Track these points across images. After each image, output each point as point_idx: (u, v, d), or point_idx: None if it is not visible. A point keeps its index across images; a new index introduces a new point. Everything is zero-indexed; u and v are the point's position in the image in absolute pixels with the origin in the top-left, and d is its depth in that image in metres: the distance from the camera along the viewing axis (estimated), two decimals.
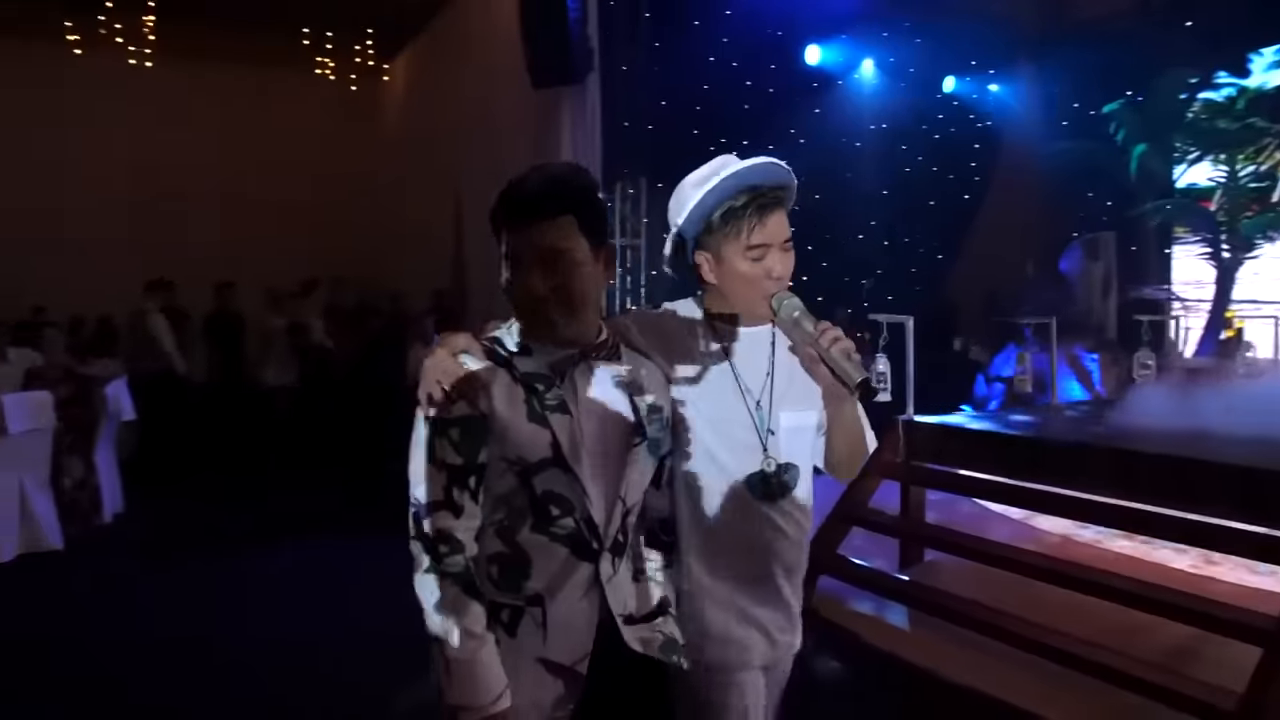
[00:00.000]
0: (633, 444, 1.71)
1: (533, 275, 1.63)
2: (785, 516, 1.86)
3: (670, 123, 10.09)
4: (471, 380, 1.59)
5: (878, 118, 11.69)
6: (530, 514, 1.62)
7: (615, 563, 1.67)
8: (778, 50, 10.89)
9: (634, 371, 1.76)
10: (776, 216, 1.87)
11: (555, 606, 1.61)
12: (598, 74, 9.43)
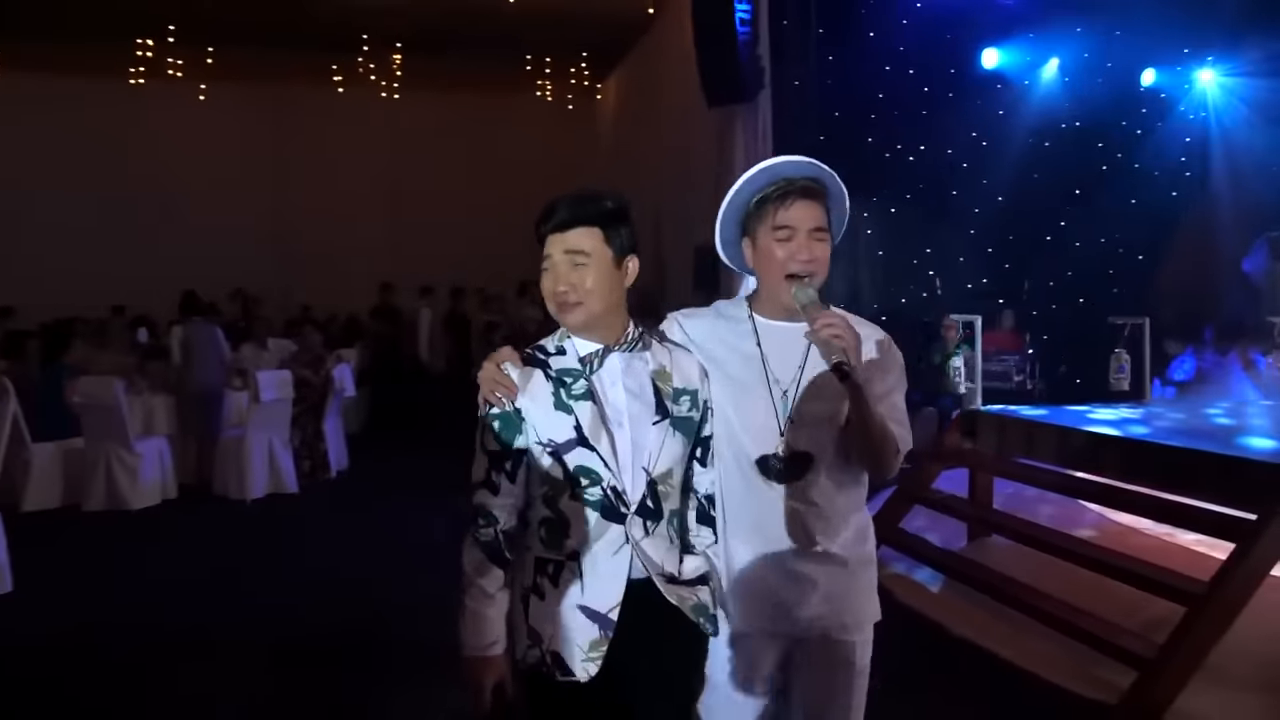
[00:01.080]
0: (654, 422, 1.88)
1: (557, 274, 1.85)
2: (802, 500, 1.94)
3: (845, 133, 10.60)
4: (507, 384, 1.85)
5: (1069, 116, 11.43)
6: (567, 485, 1.84)
7: (647, 525, 1.85)
8: (955, 55, 11.03)
9: (662, 359, 1.93)
10: (804, 204, 1.94)
11: (590, 561, 1.83)
12: (769, 91, 10.10)
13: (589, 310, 1.85)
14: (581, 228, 1.84)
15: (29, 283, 12.86)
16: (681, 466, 1.92)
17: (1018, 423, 4.58)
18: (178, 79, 15.29)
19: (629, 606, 1.82)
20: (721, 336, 2.00)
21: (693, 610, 1.87)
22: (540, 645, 1.83)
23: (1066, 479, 4.39)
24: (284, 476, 6.82)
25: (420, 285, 12.90)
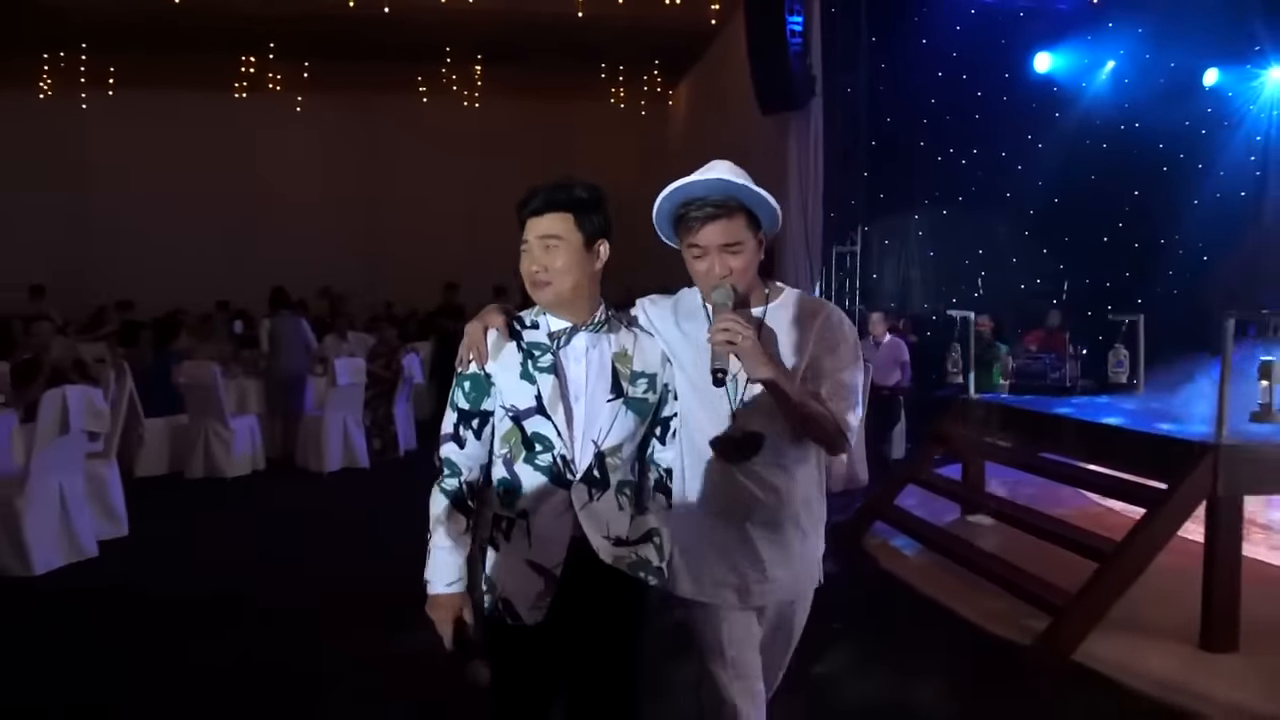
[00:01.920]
0: (608, 400, 2.00)
1: (532, 255, 1.99)
2: (754, 477, 2.05)
3: (896, 137, 11.03)
4: (483, 346, 2.02)
5: (1128, 118, 11.55)
6: (522, 449, 2.00)
7: (591, 493, 1.99)
8: (1009, 59, 11.33)
9: (624, 342, 2.05)
10: (713, 225, 2.01)
11: (538, 521, 1.99)
12: (820, 98, 10.59)
13: (557, 289, 1.99)
14: (554, 213, 1.99)
15: (140, 279, 14.20)
16: (633, 443, 2.06)
17: (998, 408, 5.05)
18: (276, 91, 16.60)
19: (572, 563, 1.98)
20: (679, 324, 2.12)
21: (630, 567, 2.02)
22: (494, 593, 2.02)
23: (1030, 456, 4.86)
24: (357, 453, 7.70)
25: (494, 285, 13.60)
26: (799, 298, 2.14)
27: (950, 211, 11.23)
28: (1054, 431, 4.47)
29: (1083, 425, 4.40)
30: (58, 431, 4.72)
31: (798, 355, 2.05)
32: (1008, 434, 5.02)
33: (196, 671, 3.66)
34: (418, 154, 17.16)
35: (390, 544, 5.64)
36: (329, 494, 7.10)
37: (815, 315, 2.08)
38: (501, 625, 1.99)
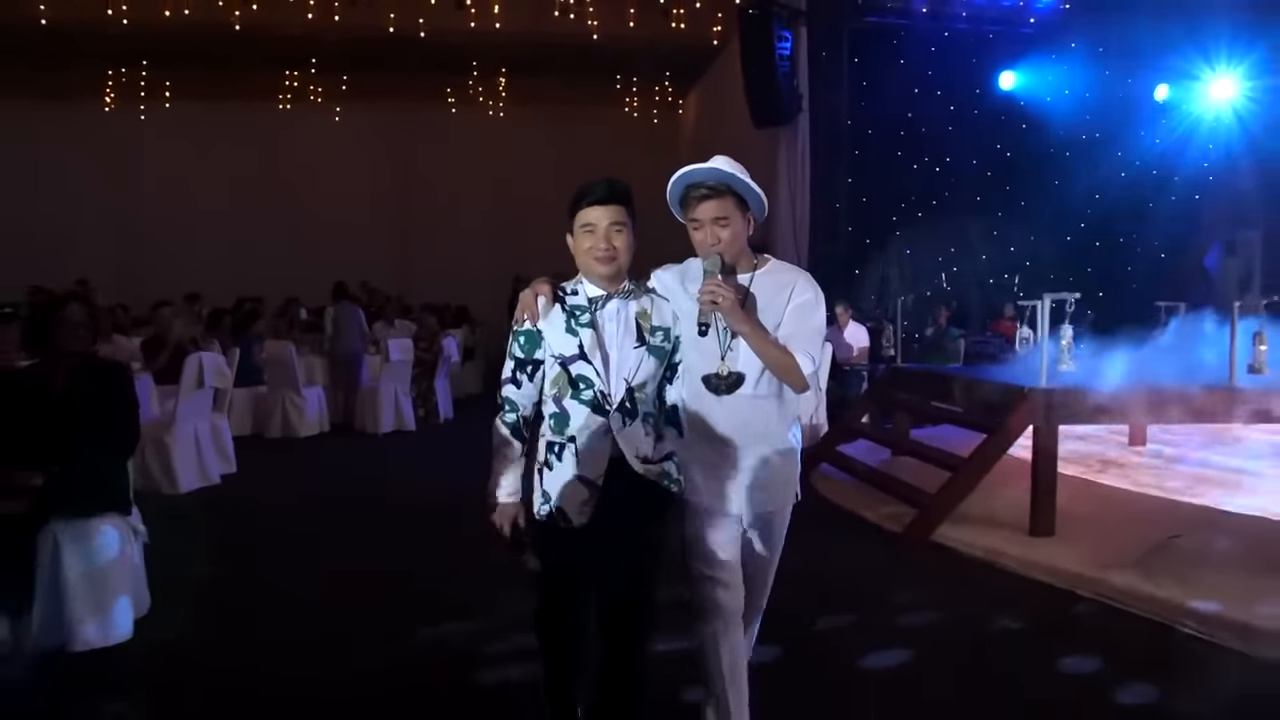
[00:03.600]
0: (634, 348, 2.52)
1: (599, 235, 2.48)
2: (737, 408, 2.57)
3: (876, 148, 12.53)
4: (535, 308, 2.52)
5: (1089, 129, 12.96)
6: (569, 387, 2.50)
7: (625, 420, 2.49)
8: (979, 77, 12.82)
9: (645, 304, 2.57)
10: (709, 202, 2.53)
11: (583, 443, 2.49)
12: (806, 114, 12.09)
13: (620, 263, 2.51)
14: (616, 204, 2.49)
15: (191, 276, 15.73)
16: (654, 382, 2.58)
17: (913, 373, 6.58)
18: (317, 103, 18.31)
19: (610, 475, 2.49)
20: (684, 285, 2.64)
21: (657, 477, 2.56)
22: (550, 503, 2.50)
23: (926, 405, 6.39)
24: (405, 418, 9.35)
25: (514, 276, 15.07)
26: (781, 267, 2.70)
27: (925, 214, 12.72)
28: (943, 386, 5.99)
29: (959, 379, 5.93)
30: (195, 386, 6.36)
31: (776, 312, 2.59)
32: (917, 391, 6.55)
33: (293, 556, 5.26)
34: (446, 160, 18.80)
35: (432, 486, 7.26)
36: (383, 450, 8.72)
37: (792, 282, 2.64)
38: (555, 529, 2.49)
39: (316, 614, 4.18)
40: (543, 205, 18.65)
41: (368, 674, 3.50)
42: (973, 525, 5.25)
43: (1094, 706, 3.22)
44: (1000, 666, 3.62)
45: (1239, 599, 3.92)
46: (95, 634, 3.63)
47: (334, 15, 13.78)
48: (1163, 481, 5.99)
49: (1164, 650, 3.71)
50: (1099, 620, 4.09)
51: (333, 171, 18.39)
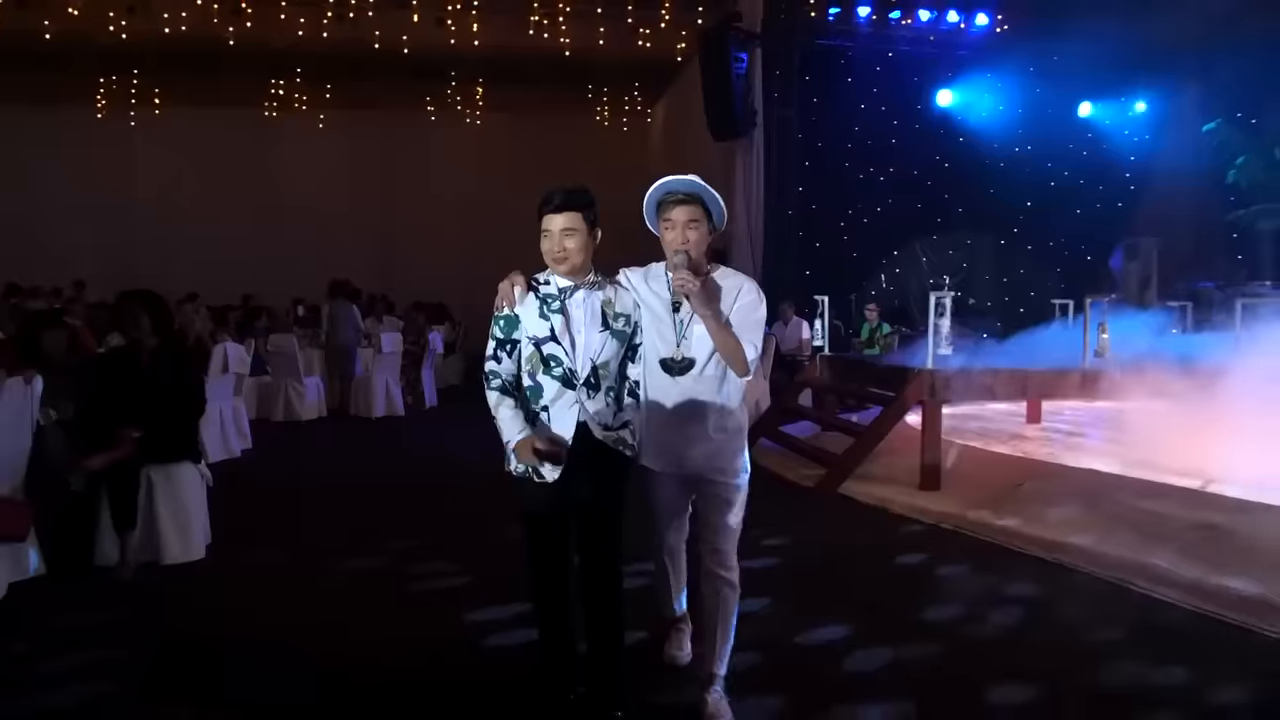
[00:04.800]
0: (599, 331, 2.95)
1: (554, 240, 2.92)
2: (691, 389, 3.06)
3: (825, 159, 13.78)
4: (512, 295, 2.97)
5: (1022, 141, 14.27)
6: (542, 364, 2.94)
7: (590, 394, 2.94)
8: (920, 94, 14.12)
9: (609, 294, 3.01)
10: (681, 207, 3.03)
11: (555, 412, 2.94)
12: (760, 129, 13.31)
13: (572, 263, 2.94)
14: (570, 211, 2.90)
15: (181, 275, 16.65)
16: (617, 361, 3.00)
17: (833, 360, 7.82)
18: (302, 111, 19.35)
19: (577, 439, 2.92)
20: (648, 284, 3.10)
21: (615, 443, 2.99)
22: (526, 462, 2.91)
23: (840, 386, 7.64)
24: (395, 404, 10.50)
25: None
26: (729, 273, 3.19)
27: (870, 220, 14.01)
28: (856, 369, 7.24)
29: (865, 364, 7.18)
30: (221, 372, 7.48)
31: (726, 309, 3.06)
32: (837, 374, 7.80)
33: (307, 510, 6.41)
34: (425, 165, 19.90)
35: (421, 463, 8.42)
36: (377, 432, 9.86)
37: (738, 286, 3.13)
38: (531, 483, 2.95)
39: (329, 557, 5.28)
40: (518, 209, 19.70)
41: (371, 603, 4.67)
42: (874, 482, 6.50)
43: (925, 587, 4.43)
44: (868, 569, 4.85)
45: (1057, 527, 5.18)
46: (179, 552, 4.80)
47: (322, 32, 14.87)
48: (1040, 449, 7.25)
49: (991, 560, 4.96)
50: (949, 542, 5.35)
51: (316, 176, 19.39)
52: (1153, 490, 5.39)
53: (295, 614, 4.15)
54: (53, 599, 4.28)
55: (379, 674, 3.45)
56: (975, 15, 13.85)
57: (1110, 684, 3.39)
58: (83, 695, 3.25)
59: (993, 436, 7.97)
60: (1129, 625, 3.98)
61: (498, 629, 3.90)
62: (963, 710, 3.23)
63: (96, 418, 4.70)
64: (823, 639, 3.86)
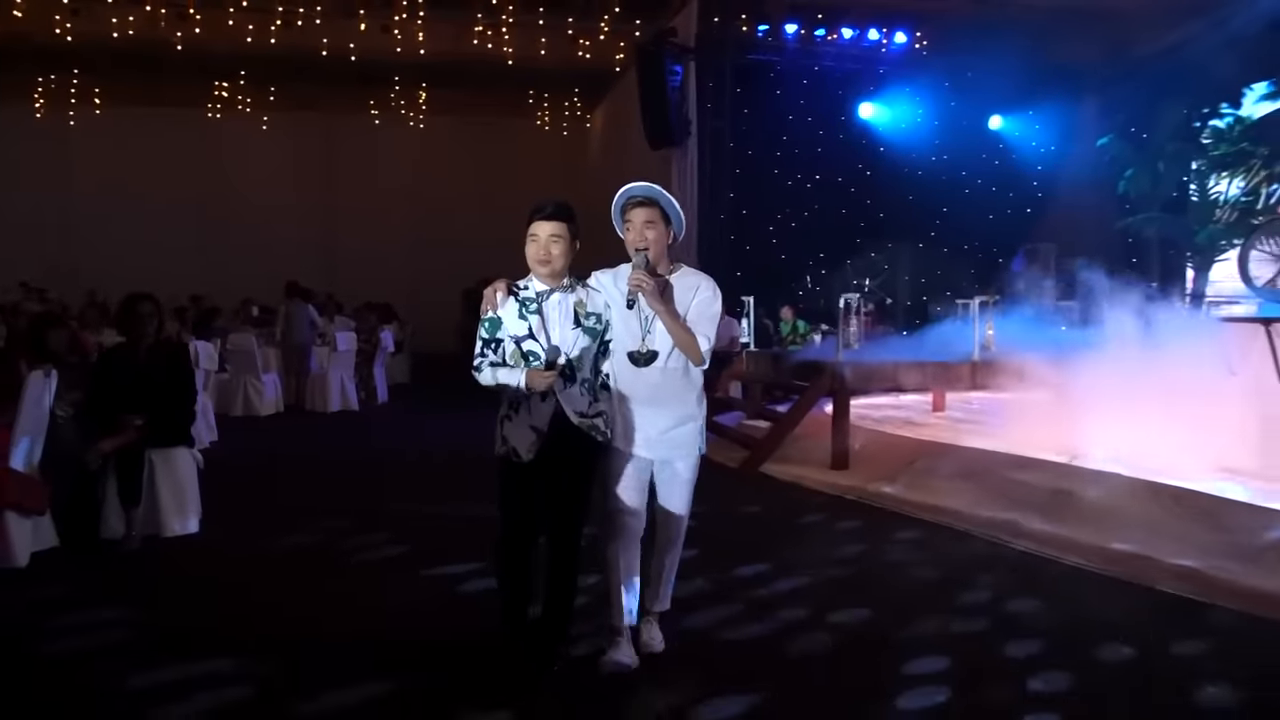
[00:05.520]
0: (572, 329, 3.32)
1: (540, 245, 3.29)
2: (652, 376, 3.39)
3: (756, 166, 14.70)
4: (495, 300, 3.33)
5: (938, 151, 15.38)
6: (522, 359, 3.30)
7: (566, 384, 3.28)
8: (844, 106, 15.15)
9: (581, 295, 3.38)
10: (639, 209, 3.37)
11: (534, 400, 3.28)
12: (694, 138, 14.17)
13: (554, 267, 3.32)
14: (559, 220, 3.31)
15: (124, 275, 16.88)
16: (590, 355, 3.37)
17: (755, 354, 8.71)
18: (246, 113, 19.71)
19: (553, 425, 3.30)
20: (616, 284, 3.44)
21: (589, 429, 3.34)
22: (508, 444, 3.33)
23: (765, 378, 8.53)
24: (350, 399, 11.14)
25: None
26: (690, 272, 3.52)
27: (798, 224, 14.99)
28: (772, 362, 8.13)
29: (782, 358, 8.07)
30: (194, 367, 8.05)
31: (685, 305, 3.39)
32: (760, 367, 8.70)
33: (282, 493, 7.08)
34: (368, 167, 20.42)
35: (376, 452, 9.09)
36: (333, 426, 10.50)
37: (697, 284, 3.46)
38: (510, 462, 3.32)
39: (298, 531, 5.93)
40: (460, 210, 20.51)
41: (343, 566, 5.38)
42: (791, 463, 7.39)
43: (824, 540, 5.29)
44: (779, 528, 5.70)
45: (940, 494, 6.12)
46: (178, 526, 5.46)
47: (270, 39, 15.34)
48: (938, 433, 8.20)
49: (882, 520, 5.87)
50: (850, 508, 6.28)
51: (260, 177, 19.78)
52: (1023, 464, 6.35)
53: (278, 577, 4.84)
54: (70, 566, 4.92)
55: (353, 615, 4.21)
56: (895, 34, 14.88)
57: (968, 607, 4.29)
58: (105, 642, 3.84)
59: (901, 423, 8.92)
60: (989, 567, 4.90)
61: (452, 581, 4.64)
62: (851, 612, 4.14)
63: (101, 408, 5.33)
64: (744, 575, 4.74)
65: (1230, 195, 13.30)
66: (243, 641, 3.79)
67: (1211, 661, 3.61)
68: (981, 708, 3.25)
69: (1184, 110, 13.54)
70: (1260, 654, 3.74)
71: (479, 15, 15.42)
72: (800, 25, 14.56)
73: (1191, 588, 4.43)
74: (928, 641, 3.81)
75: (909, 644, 3.78)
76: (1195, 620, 4.07)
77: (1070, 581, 4.69)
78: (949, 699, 3.27)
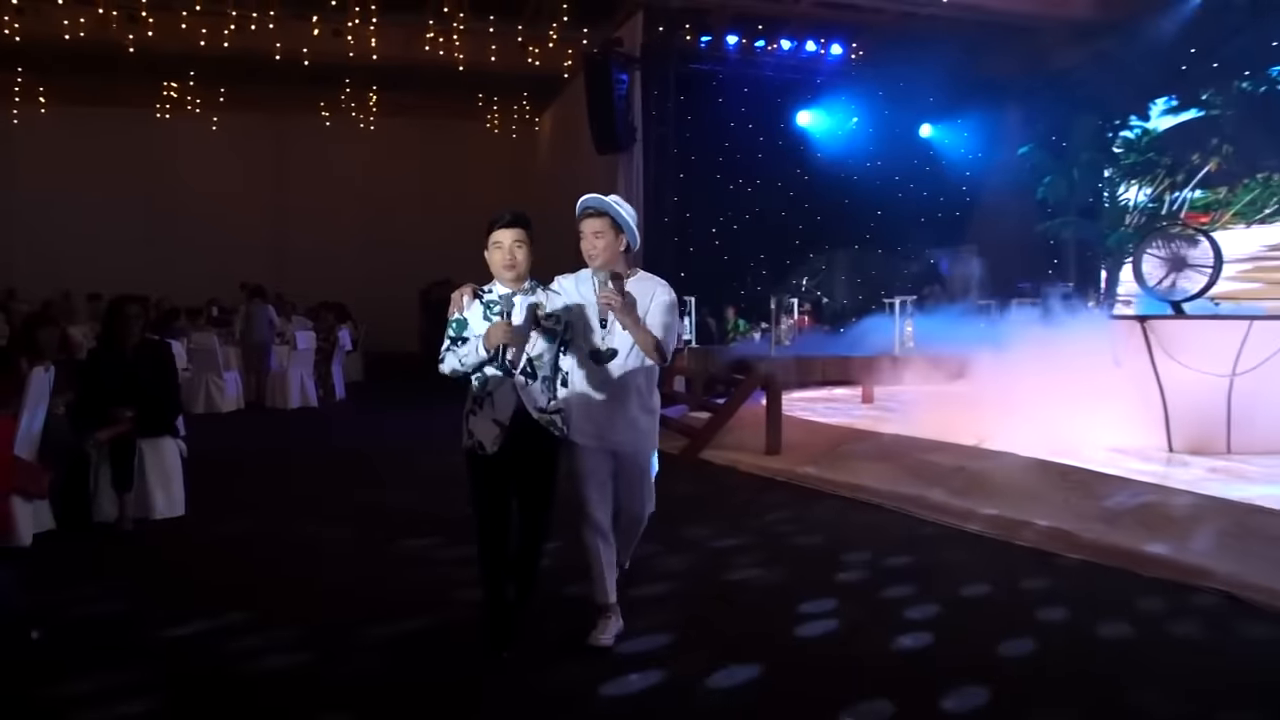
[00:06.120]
0: (532, 329, 3.54)
1: (505, 250, 3.53)
2: (613, 376, 3.66)
3: (699, 172, 15.43)
4: (461, 303, 3.56)
5: (872, 157, 16.23)
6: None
7: (528, 381, 3.54)
8: (784, 113, 15.95)
9: (541, 299, 3.59)
10: (590, 220, 3.65)
11: (498, 395, 3.53)
12: (640, 144, 14.84)
13: (519, 272, 3.57)
14: (519, 228, 3.56)
15: (71, 274, 17.05)
16: (550, 354, 3.63)
17: (694, 350, 9.42)
18: (195, 113, 19.91)
19: (515, 420, 3.54)
20: (578, 286, 3.72)
21: (547, 424, 3.60)
22: (473, 437, 3.57)
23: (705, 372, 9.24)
24: (309, 396, 11.64)
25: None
26: (646, 277, 3.79)
27: (740, 227, 15.75)
28: (708, 357, 8.85)
29: (720, 354, 8.78)
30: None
31: (644, 308, 3.67)
32: (700, 363, 9.41)
33: (257, 482, 7.61)
34: (319, 167, 20.70)
35: (335, 445, 9.61)
36: (294, 421, 10.98)
37: (653, 289, 3.73)
38: (476, 455, 3.58)
39: (272, 516, 6.52)
40: (410, 210, 20.93)
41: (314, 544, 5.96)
42: (729, 450, 8.10)
43: (754, 511, 5.99)
44: (715, 504, 6.39)
45: (859, 474, 6.87)
46: (165, 509, 5.99)
47: (224, 42, 15.66)
48: (863, 422, 8.96)
49: (807, 496, 6.61)
50: (779, 487, 7.02)
51: (209, 178, 19.90)
52: (934, 447, 7.13)
53: (259, 553, 5.43)
54: (70, 545, 5.43)
55: (321, 578, 4.82)
56: (831, 45, 15.70)
57: (861, 562, 5.03)
58: (109, 612, 4.33)
59: (831, 413, 9.69)
60: (889, 533, 5.66)
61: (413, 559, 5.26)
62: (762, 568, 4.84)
63: (93, 403, 5.83)
64: (691, 536, 5.51)
65: (1139, 202, 14.34)
66: (226, 609, 4.26)
67: (1056, 596, 4.43)
68: (866, 629, 4.00)
69: (1098, 121, 14.56)
70: (1100, 590, 4.56)
71: (431, 22, 15.90)
72: (741, 36, 15.29)
73: (1065, 545, 5.21)
74: (821, 586, 4.58)
75: (806, 589, 4.52)
76: (1053, 569, 4.91)
77: (957, 542, 5.48)
78: (839, 626, 4.04)
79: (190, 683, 3.48)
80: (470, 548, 3.75)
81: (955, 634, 3.94)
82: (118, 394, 5.85)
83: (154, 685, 3.43)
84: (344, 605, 4.35)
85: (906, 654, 3.74)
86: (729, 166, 15.66)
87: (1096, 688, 3.46)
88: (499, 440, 3.53)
